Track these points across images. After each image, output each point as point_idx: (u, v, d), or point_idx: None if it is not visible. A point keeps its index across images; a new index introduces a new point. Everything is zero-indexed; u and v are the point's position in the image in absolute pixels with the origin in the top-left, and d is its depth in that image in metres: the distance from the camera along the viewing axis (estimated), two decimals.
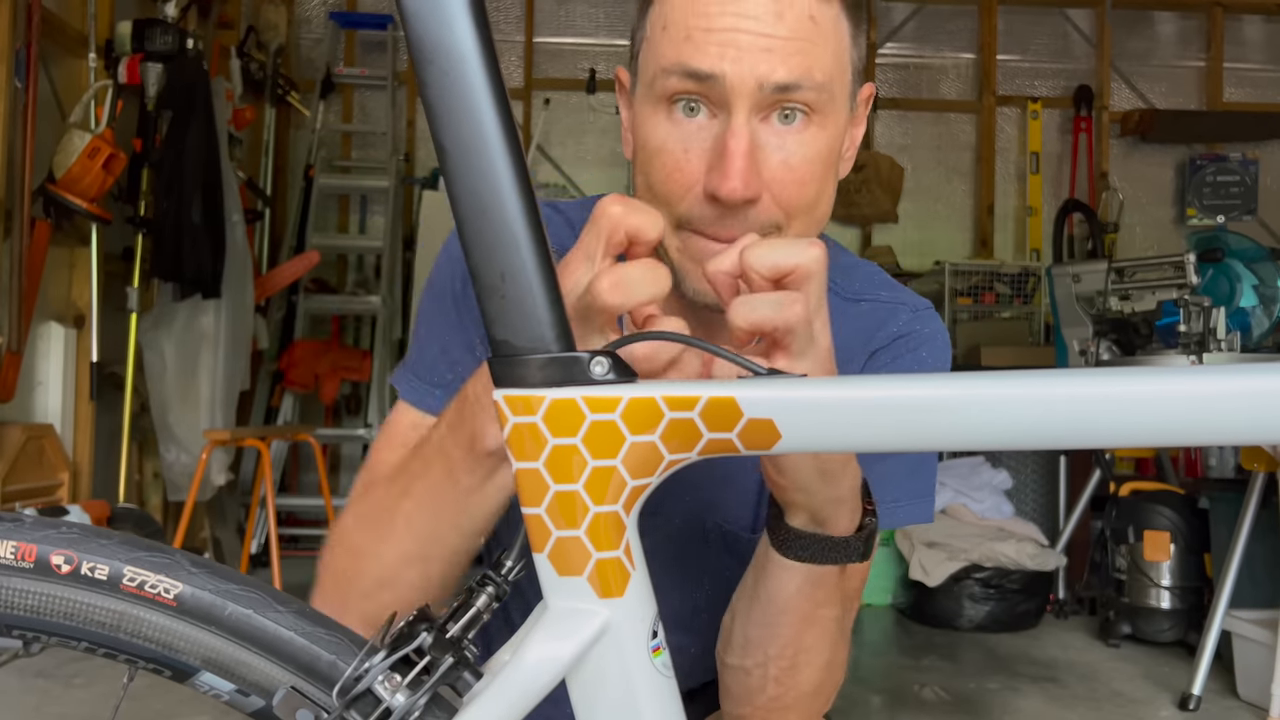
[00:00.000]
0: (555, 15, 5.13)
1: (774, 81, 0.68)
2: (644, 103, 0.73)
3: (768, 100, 0.68)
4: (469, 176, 0.48)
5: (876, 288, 0.88)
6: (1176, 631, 3.08)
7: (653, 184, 0.72)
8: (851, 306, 0.86)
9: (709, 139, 0.70)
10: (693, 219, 0.71)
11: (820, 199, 0.73)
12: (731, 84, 0.68)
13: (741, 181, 0.67)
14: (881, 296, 0.87)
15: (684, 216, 0.71)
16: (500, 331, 0.49)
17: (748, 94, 0.68)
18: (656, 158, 0.72)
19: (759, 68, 0.67)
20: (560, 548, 0.50)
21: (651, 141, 0.72)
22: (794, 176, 0.70)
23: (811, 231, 0.74)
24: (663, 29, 0.71)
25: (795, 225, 0.72)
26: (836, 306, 0.85)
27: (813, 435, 0.48)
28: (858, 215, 5.05)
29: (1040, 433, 0.46)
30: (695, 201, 0.70)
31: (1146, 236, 5.19)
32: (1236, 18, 5.27)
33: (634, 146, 0.76)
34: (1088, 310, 3.51)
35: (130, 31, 3.40)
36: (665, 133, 0.71)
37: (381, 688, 0.51)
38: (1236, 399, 0.44)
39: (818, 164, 0.71)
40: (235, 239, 3.66)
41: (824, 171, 0.72)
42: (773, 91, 0.68)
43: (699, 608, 0.89)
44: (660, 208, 0.71)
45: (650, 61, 0.72)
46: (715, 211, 0.70)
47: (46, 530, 0.53)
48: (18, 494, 2.88)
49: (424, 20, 0.47)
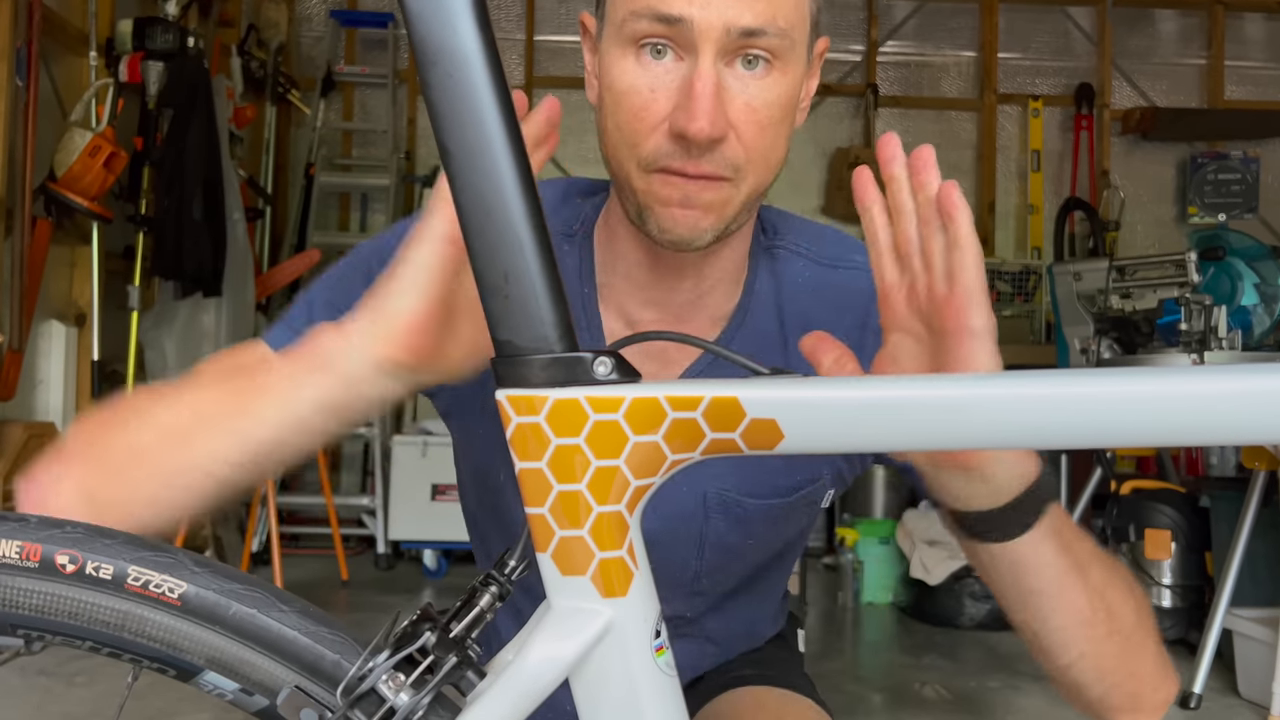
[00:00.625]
0: (556, 13, 5.13)
1: (740, 25, 0.70)
2: (611, 45, 0.75)
3: (733, 44, 0.71)
4: (473, 178, 0.48)
5: (852, 252, 0.88)
6: (1177, 630, 3.08)
7: (620, 124, 0.74)
8: (831, 273, 0.87)
9: (676, 80, 0.72)
10: (659, 157, 0.73)
11: (777, 143, 0.76)
12: (699, 27, 0.70)
13: (708, 120, 0.70)
14: (858, 262, 0.87)
15: (650, 156, 0.73)
16: (503, 332, 0.49)
17: (715, 38, 0.70)
18: (624, 98, 0.74)
19: (726, 12, 0.70)
20: (563, 547, 0.50)
21: (619, 84, 0.74)
22: (756, 119, 0.73)
23: (766, 176, 0.76)
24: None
25: (753, 169, 0.74)
26: (815, 274, 0.86)
27: (816, 435, 0.48)
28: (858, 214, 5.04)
29: (1045, 433, 0.46)
30: (662, 139, 0.73)
31: (1148, 235, 5.19)
32: (1238, 15, 5.27)
33: (599, 90, 0.78)
34: (1089, 308, 3.51)
35: (131, 30, 3.40)
36: (633, 75, 0.73)
37: (385, 687, 0.51)
38: (1239, 399, 0.44)
39: (778, 109, 0.74)
40: (236, 237, 3.66)
41: (783, 116, 0.75)
42: (739, 36, 0.71)
43: (699, 573, 0.89)
44: (625, 150, 0.75)
45: (619, 5, 0.74)
46: (681, 148, 0.72)
47: (51, 530, 0.53)
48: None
49: (428, 22, 0.47)
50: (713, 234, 0.76)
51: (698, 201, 0.74)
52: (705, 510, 0.86)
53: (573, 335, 0.50)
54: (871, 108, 5.14)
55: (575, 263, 0.87)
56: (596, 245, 0.88)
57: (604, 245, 0.87)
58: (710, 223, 0.75)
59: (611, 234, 0.86)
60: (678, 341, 0.62)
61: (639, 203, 0.76)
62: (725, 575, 0.91)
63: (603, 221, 0.88)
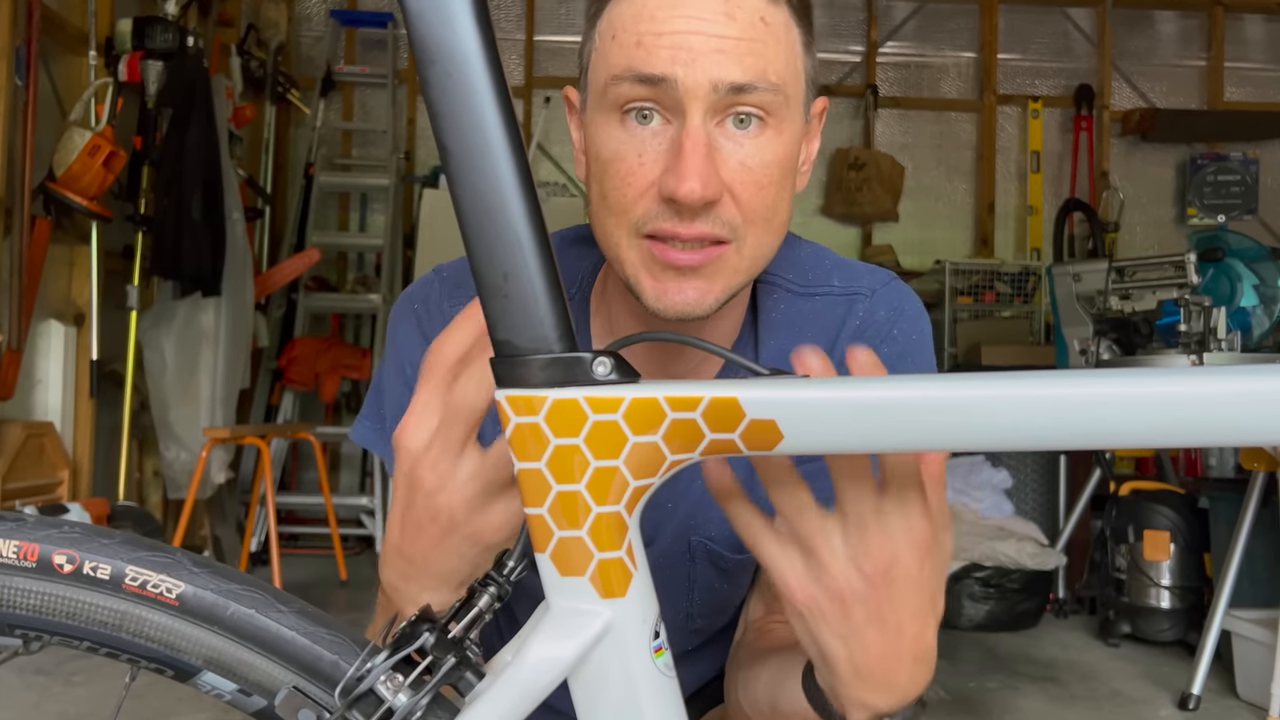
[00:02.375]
0: (556, 13, 5.13)
1: (729, 82, 0.66)
2: (595, 113, 0.71)
3: (722, 103, 0.67)
4: (472, 177, 0.48)
5: (829, 276, 0.84)
6: (1176, 631, 3.08)
7: (607, 193, 0.70)
8: (806, 303, 0.83)
9: (664, 143, 0.68)
10: (649, 220, 0.68)
11: (778, 206, 0.71)
12: (685, 86, 0.66)
13: (700, 181, 0.65)
14: (835, 287, 0.84)
15: (640, 220, 0.69)
16: (502, 332, 0.49)
17: (702, 96, 0.66)
18: (610, 166, 0.69)
19: (713, 69, 0.66)
20: (562, 548, 0.50)
21: (605, 151, 0.70)
22: (753, 178, 0.68)
23: (769, 239, 0.72)
24: (612, 38, 0.69)
25: (753, 232, 0.70)
26: (791, 305, 0.83)
27: (815, 436, 0.48)
28: (858, 214, 5.05)
29: (1045, 434, 0.46)
30: (651, 204, 0.68)
31: (1147, 236, 5.20)
32: (1237, 17, 5.27)
33: (586, 161, 0.74)
34: (1088, 309, 3.51)
35: (130, 29, 3.40)
36: (618, 141, 0.69)
37: (384, 688, 0.51)
38: (1238, 401, 0.44)
39: (775, 169, 0.69)
40: (235, 237, 3.66)
41: (781, 178, 0.70)
42: (728, 93, 0.66)
43: (691, 615, 0.89)
44: (614, 218, 0.70)
45: (601, 71, 0.70)
46: (673, 211, 0.67)
47: (49, 530, 0.53)
48: (18, 492, 2.88)
49: (428, 21, 0.47)
50: (718, 303, 0.71)
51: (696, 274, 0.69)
52: (691, 556, 0.86)
53: (572, 335, 0.50)
54: (871, 108, 5.14)
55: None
56: (593, 310, 0.85)
57: (600, 311, 0.84)
58: (715, 294, 0.70)
59: (609, 300, 0.83)
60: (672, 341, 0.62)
61: (630, 275, 0.71)
62: (719, 615, 0.91)
63: (600, 285, 0.85)
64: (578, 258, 0.86)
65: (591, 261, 0.85)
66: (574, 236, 0.88)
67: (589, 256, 0.86)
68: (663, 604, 0.86)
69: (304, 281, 4.55)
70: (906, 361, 0.82)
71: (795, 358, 0.51)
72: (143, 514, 3.19)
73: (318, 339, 4.56)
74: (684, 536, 0.85)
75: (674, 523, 0.84)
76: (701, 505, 0.84)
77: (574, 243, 0.87)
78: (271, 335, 4.43)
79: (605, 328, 0.84)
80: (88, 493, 3.23)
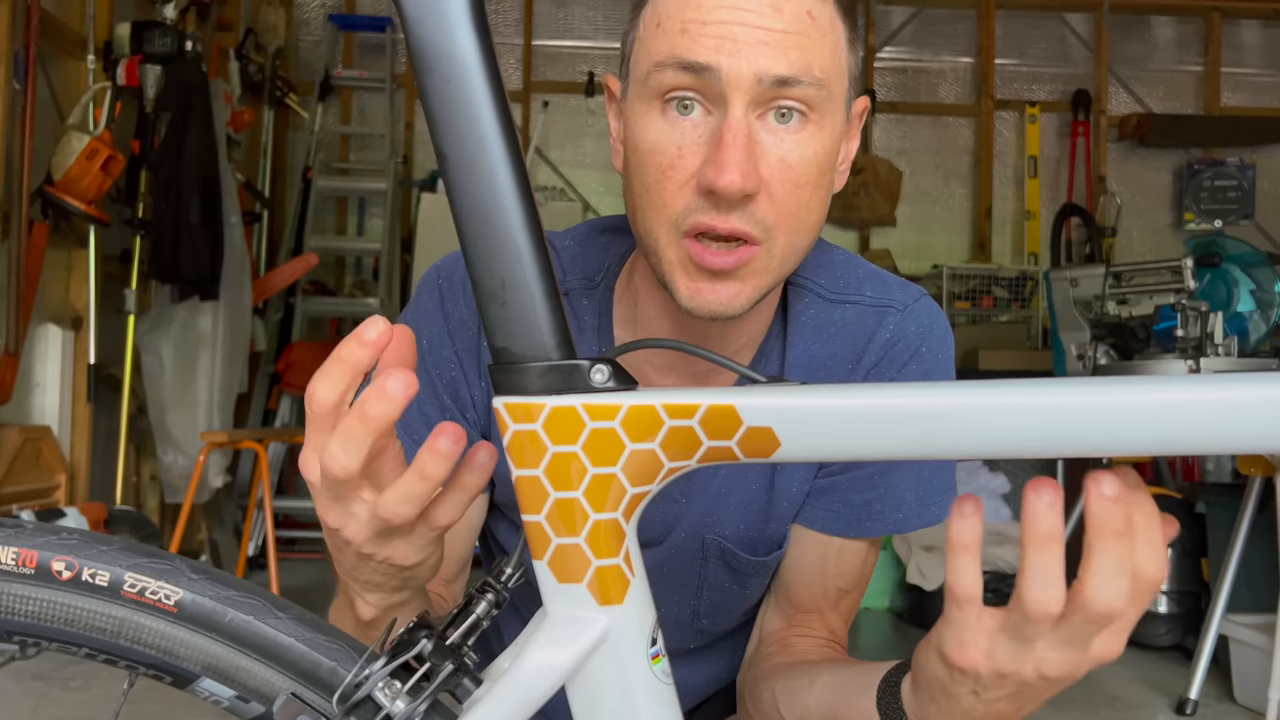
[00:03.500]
0: (554, 18, 5.14)
1: (773, 74, 0.65)
2: (636, 103, 0.70)
3: (766, 95, 0.66)
4: (470, 184, 0.48)
5: (861, 286, 0.84)
6: (1173, 636, 3.08)
7: (648, 185, 0.69)
8: (836, 310, 0.83)
9: (705, 134, 0.67)
10: (689, 214, 0.68)
11: (812, 206, 0.70)
12: (728, 77, 0.65)
13: (739, 173, 0.64)
14: (866, 297, 0.83)
15: (679, 216, 0.68)
16: (500, 339, 0.49)
17: (745, 88, 0.65)
18: (650, 158, 0.68)
19: (757, 60, 0.65)
20: (560, 555, 0.50)
21: (644, 142, 0.69)
22: (791, 176, 0.67)
23: (800, 239, 0.71)
24: (656, 25, 0.68)
25: (783, 233, 0.69)
26: (820, 310, 0.83)
27: (812, 444, 0.48)
28: (855, 218, 5.05)
29: (1042, 442, 0.46)
30: (691, 196, 0.67)
31: (1144, 241, 5.20)
32: (1234, 22, 5.28)
33: (625, 151, 0.73)
34: (1085, 314, 3.52)
35: (129, 33, 3.40)
36: (658, 131, 0.68)
37: (381, 694, 0.51)
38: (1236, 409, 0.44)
39: (814, 166, 0.68)
40: (233, 241, 3.65)
41: (819, 176, 0.69)
42: (771, 85, 0.65)
43: (698, 613, 0.89)
44: (654, 212, 0.69)
45: (643, 59, 0.69)
46: (711, 203, 0.67)
47: (47, 536, 0.53)
48: (14, 496, 2.87)
49: (426, 29, 0.47)
50: (749, 304, 0.71)
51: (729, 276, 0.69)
52: (704, 554, 0.85)
53: (570, 342, 0.50)
54: (869, 113, 5.14)
55: (594, 319, 0.83)
56: (617, 301, 0.84)
57: (625, 302, 0.83)
58: (747, 295, 0.70)
59: (634, 293, 0.82)
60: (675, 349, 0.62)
61: (666, 272, 0.70)
62: (726, 617, 0.91)
63: (625, 277, 0.84)
64: (605, 246, 0.86)
65: (619, 251, 0.85)
66: (603, 225, 0.87)
67: (616, 245, 0.85)
68: (670, 600, 0.87)
69: (302, 285, 4.55)
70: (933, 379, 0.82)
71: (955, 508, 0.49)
72: (140, 518, 3.19)
73: (316, 343, 4.56)
74: (698, 534, 0.84)
75: (688, 519, 0.84)
76: (717, 503, 0.83)
77: (602, 231, 0.87)
78: (269, 339, 4.43)
79: (629, 316, 0.83)
80: (85, 497, 3.22)
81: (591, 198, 4.99)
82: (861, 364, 0.82)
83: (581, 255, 0.85)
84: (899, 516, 0.81)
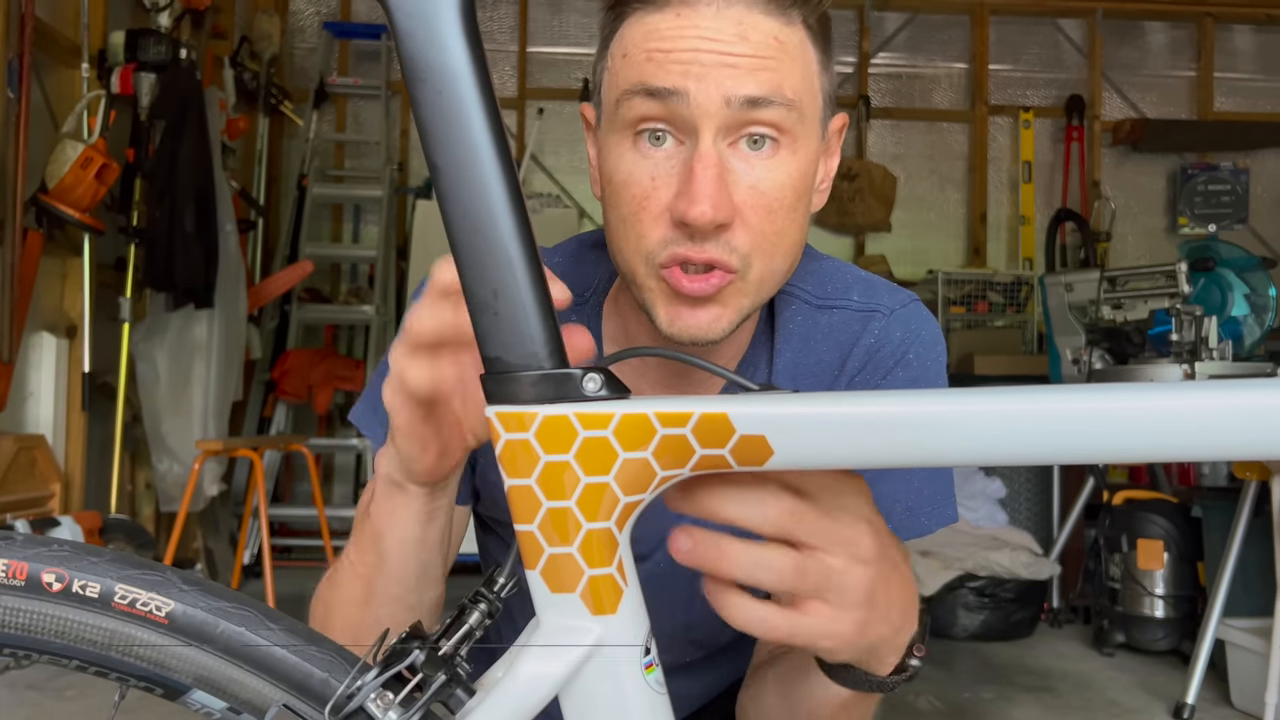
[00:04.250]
0: (549, 25, 5.14)
1: (741, 95, 0.65)
2: (608, 134, 0.71)
3: (736, 119, 0.66)
4: (462, 194, 0.48)
5: (848, 291, 0.83)
6: (1170, 640, 3.08)
7: (624, 218, 0.70)
8: (823, 316, 0.83)
9: (677, 166, 0.67)
10: (664, 247, 0.68)
11: (788, 230, 0.70)
12: (697, 101, 0.65)
13: (711, 204, 0.65)
14: (853, 302, 0.83)
15: (654, 250, 0.69)
16: (492, 349, 0.49)
17: (714, 112, 0.65)
18: (624, 190, 0.69)
19: (725, 83, 0.65)
20: (553, 564, 0.50)
21: (618, 174, 0.70)
22: (764, 203, 0.68)
23: (777, 264, 0.71)
24: (623, 56, 0.69)
25: (759, 260, 0.69)
26: (807, 317, 0.83)
27: (805, 452, 0.48)
28: (851, 224, 5.06)
29: (1035, 449, 0.46)
30: (665, 229, 0.68)
31: (1138, 245, 5.22)
32: (1226, 28, 5.31)
33: (601, 181, 0.74)
34: (1080, 319, 3.52)
35: (123, 41, 3.40)
36: (631, 163, 0.69)
37: (374, 705, 0.51)
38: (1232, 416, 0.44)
39: (788, 191, 0.69)
40: (228, 249, 3.65)
41: (794, 200, 0.70)
42: (741, 107, 0.66)
43: (691, 624, 0.89)
44: (630, 245, 0.70)
45: (612, 89, 0.70)
46: (685, 235, 0.67)
47: (37, 548, 0.53)
48: (9, 505, 2.86)
49: (417, 40, 0.47)
50: (731, 327, 0.71)
51: (707, 302, 0.70)
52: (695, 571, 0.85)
53: (563, 351, 0.50)
54: (863, 119, 5.16)
55: None
56: (605, 318, 0.84)
57: (613, 320, 0.84)
58: (728, 319, 0.71)
59: (622, 312, 0.83)
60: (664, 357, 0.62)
61: (646, 299, 0.71)
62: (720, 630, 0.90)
63: (613, 296, 0.84)
64: (595, 262, 0.86)
65: (608, 268, 0.85)
66: (592, 241, 0.87)
67: (606, 262, 0.85)
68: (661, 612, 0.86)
69: (297, 293, 4.54)
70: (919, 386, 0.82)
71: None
72: (135, 527, 3.18)
73: (311, 351, 4.56)
74: None
75: None
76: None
77: (591, 247, 0.87)
78: (264, 347, 4.42)
79: (619, 330, 0.83)
80: (79, 506, 3.21)
81: (587, 204, 4.99)
82: (845, 369, 0.82)
83: (571, 272, 0.85)
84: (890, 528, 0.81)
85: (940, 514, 0.81)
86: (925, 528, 0.81)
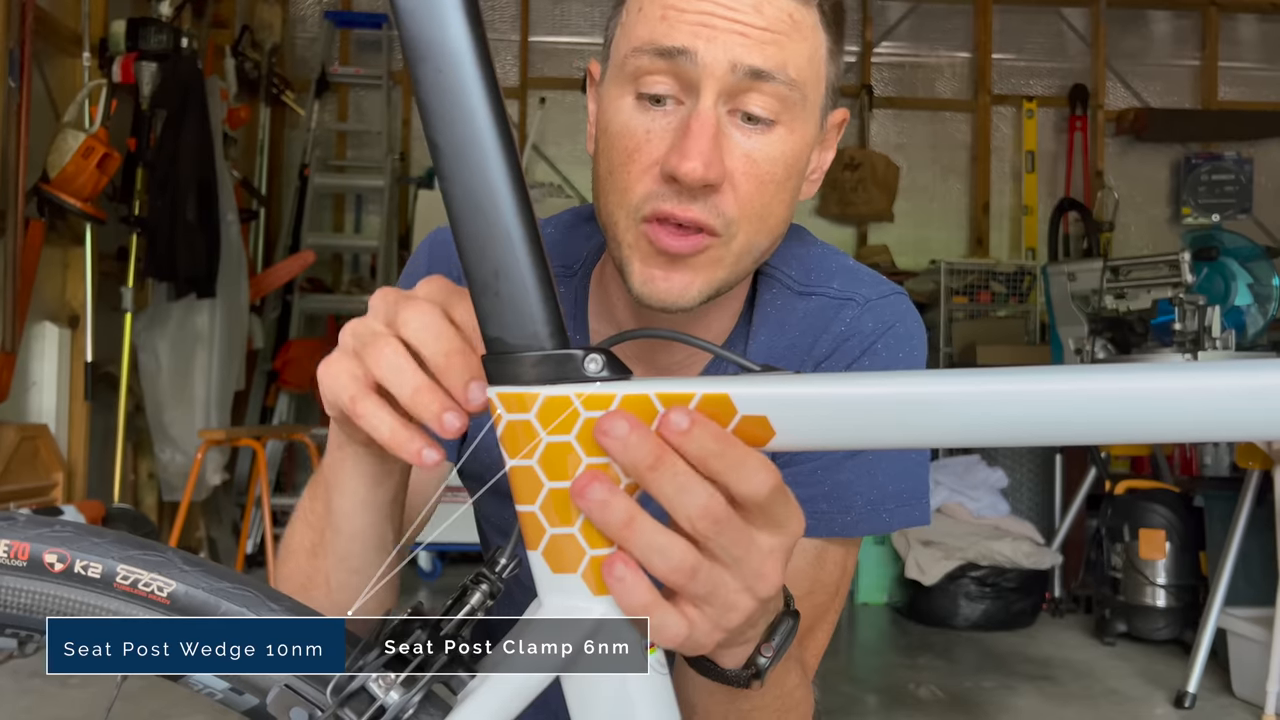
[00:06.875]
0: (551, 14, 5.13)
1: (747, 64, 0.65)
2: (611, 86, 0.71)
3: (738, 86, 0.66)
4: (463, 174, 0.48)
5: (831, 279, 0.82)
6: (1172, 629, 3.08)
7: (612, 167, 0.70)
8: (801, 301, 0.82)
9: (674, 123, 0.68)
10: (649, 200, 0.68)
11: (776, 206, 0.70)
12: (703, 61, 0.65)
13: (703, 161, 0.65)
14: (832, 289, 0.82)
15: (640, 202, 0.68)
16: (494, 329, 0.49)
17: (719, 75, 0.66)
18: (618, 140, 0.69)
19: (733, 49, 0.65)
20: (555, 545, 0.50)
21: (614, 124, 0.70)
22: (756, 171, 0.68)
23: (760, 239, 0.71)
24: (638, 11, 0.69)
25: (745, 229, 0.69)
26: (786, 302, 0.82)
27: (806, 432, 0.48)
28: (853, 214, 5.05)
29: (1034, 429, 0.46)
30: (652, 183, 0.68)
31: (1142, 235, 5.21)
32: (1231, 17, 5.29)
33: (596, 133, 0.74)
34: (1083, 309, 3.52)
35: (125, 30, 3.39)
36: (629, 116, 0.69)
37: (375, 685, 0.51)
38: (1233, 395, 0.44)
39: (780, 165, 0.68)
40: (230, 238, 3.65)
41: (785, 176, 0.69)
42: (744, 76, 0.66)
43: None
44: (615, 195, 0.70)
45: (623, 44, 0.70)
46: (672, 191, 0.67)
47: (40, 528, 0.53)
48: (12, 494, 2.87)
49: (417, 19, 0.47)
50: (700, 297, 0.70)
51: (684, 265, 0.69)
52: None
53: (564, 332, 0.50)
54: (866, 109, 5.14)
55: (569, 307, 0.83)
56: (592, 287, 0.85)
57: (599, 290, 0.84)
58: (698, 287, 0.70)
59: (607, 281, 0.82)
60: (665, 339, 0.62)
61: (623, 256, 0.71)
62: None
63: (601, 266, 0.84)
64: (586, 235, 0.86)
65: (598, 241, 0.85)
66: (588, 214, 0.87)
67: (597, 235, 0.85)
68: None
69: (299, 283, 4.54)
70: None
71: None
72: (138, 516, 3.18)
73: (313, 340, 4.56)
74: None
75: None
76: None
77: (586, 220, 0.87)
78: (266, 337, 4.42)
79: (603, 307, 0.83)
80: (82, 495, 3.22)
81: (588, 194, 4.98)
82: (812, 355, 0.81)
83: (563, 242, 0.85)
84: (848, 519, 0.78)
85: (906, 514, 0.79)
86: (886, 525, 0.79)
